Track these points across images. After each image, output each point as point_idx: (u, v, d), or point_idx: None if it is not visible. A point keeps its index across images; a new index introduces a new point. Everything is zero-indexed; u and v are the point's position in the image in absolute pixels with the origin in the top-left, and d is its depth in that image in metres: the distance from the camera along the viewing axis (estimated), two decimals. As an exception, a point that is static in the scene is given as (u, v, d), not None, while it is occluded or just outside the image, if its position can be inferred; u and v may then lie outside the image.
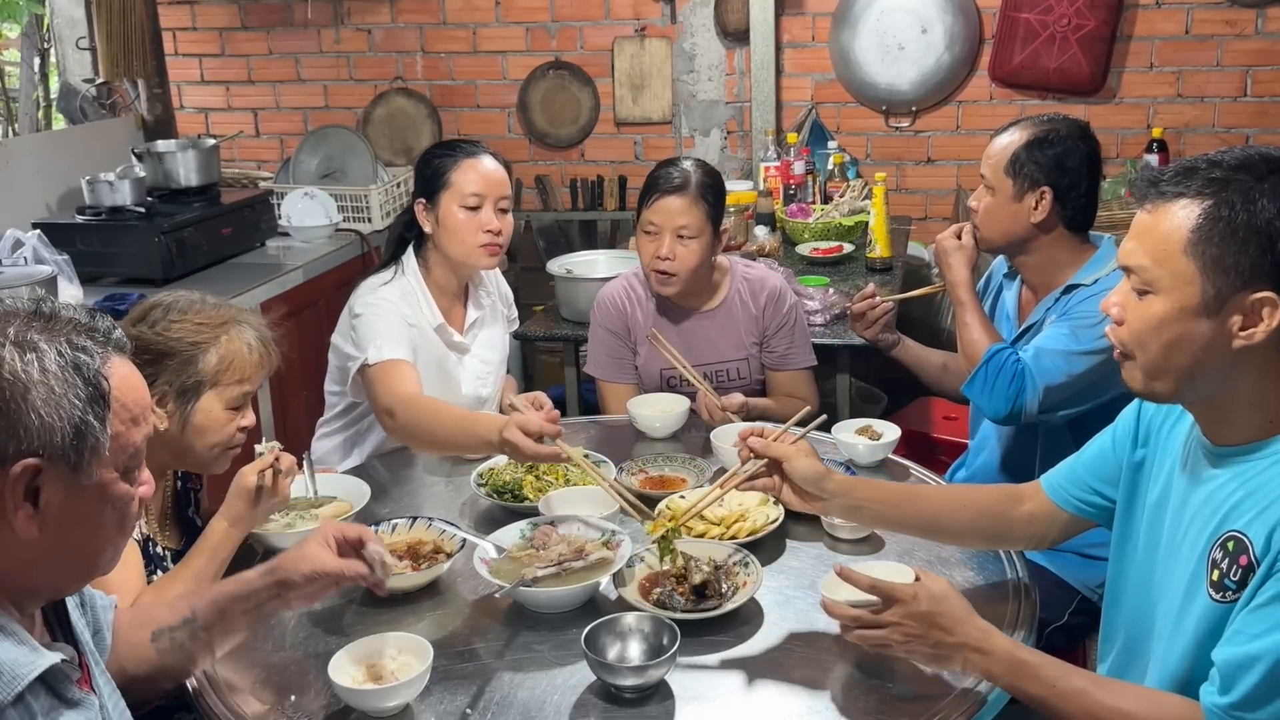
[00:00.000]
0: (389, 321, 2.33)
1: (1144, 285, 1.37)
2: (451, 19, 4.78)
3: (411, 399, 2.20)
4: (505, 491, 2.11)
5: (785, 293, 2.67)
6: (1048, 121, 2.26)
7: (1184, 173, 1.35)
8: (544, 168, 4.86)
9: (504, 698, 1.53)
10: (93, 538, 1.18)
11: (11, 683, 1.09)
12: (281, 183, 4.18)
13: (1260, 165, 1.32)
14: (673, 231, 2.48)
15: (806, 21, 4.52)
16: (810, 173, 4.13)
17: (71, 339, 1.13)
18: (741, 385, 2.61)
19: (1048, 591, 1.67)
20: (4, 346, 1.10)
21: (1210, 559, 1.36)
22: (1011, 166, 2.23)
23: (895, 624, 1.46)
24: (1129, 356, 1.42)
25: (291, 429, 3.43)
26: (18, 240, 3.18)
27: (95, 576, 1.26)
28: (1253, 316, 1.31)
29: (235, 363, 1.84)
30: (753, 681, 1.56)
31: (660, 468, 2.22)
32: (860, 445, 2.21)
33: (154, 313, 1.85)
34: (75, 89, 4.26)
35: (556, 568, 1.74)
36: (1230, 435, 1.39)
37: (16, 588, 1.16)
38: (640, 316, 2.65)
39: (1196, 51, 4.22)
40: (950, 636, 1.45)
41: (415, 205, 2.45)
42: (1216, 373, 1.35)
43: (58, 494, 1.12)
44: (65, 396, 1.10)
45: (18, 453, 1.08)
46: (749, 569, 1.75)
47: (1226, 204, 1.30)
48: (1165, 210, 1.35)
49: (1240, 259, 1.30)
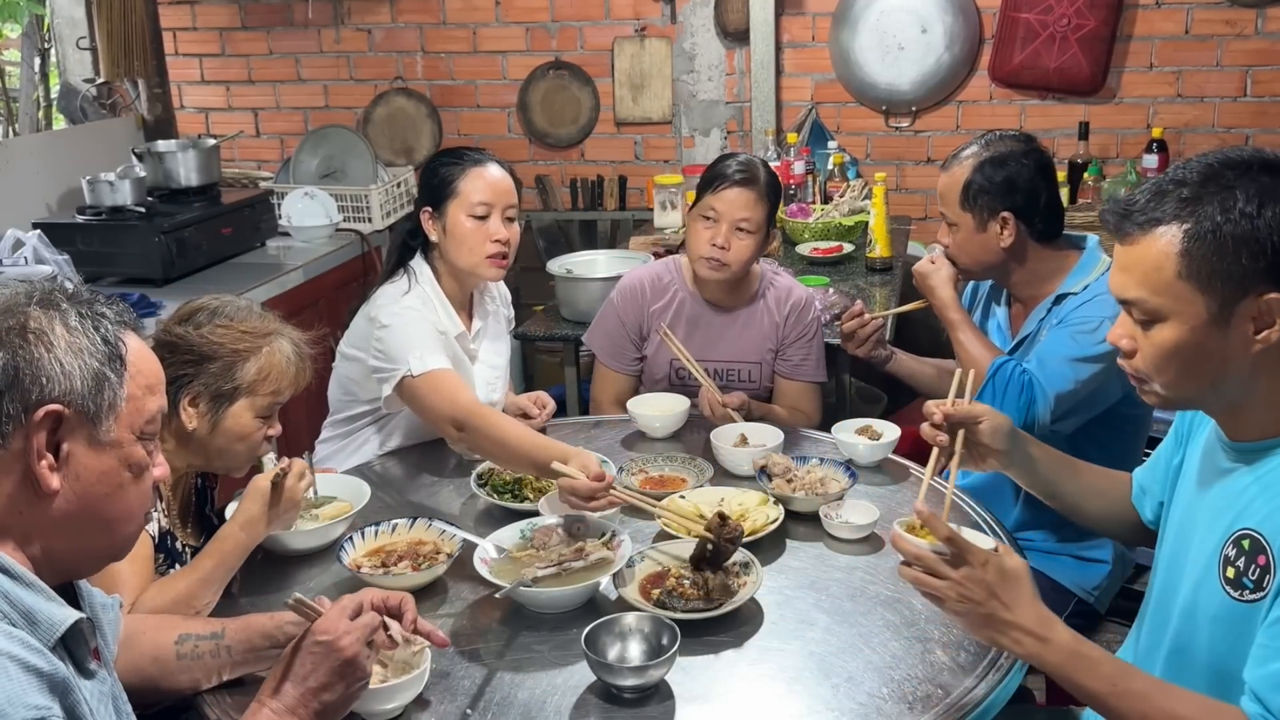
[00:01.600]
0: (422, 330, 2.27)
1: (1147, 316, 1.38)
2: (451, 19, 4.78)
3: (478, 411, 2.12)
4: (505, 491, 2.11)
5: (810, 305, 2.67)
6: (990, 143, 2.25)
7: (1154, 198, 1.36)
8: (544, 168, 4.86)
9: (504, 698, 1.53)
10: (112, 500, 1.22)
11: (49, 631, 1.15)
12: (282, 183, 4.18)
13: (1225, 173, 1.33)
14: (732, 223, 2.49)
15: (806, 21, 4.52)
16: (810, 173, 4.13)
17: (91, 306, 1.22)
18: (751, 389, 2.61)
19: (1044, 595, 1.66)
20: (30, 306, 1.19)
21: (1223, 555, 1.37)
22: (966, 199, 2.23)
23: (956, 582, 1.43)
24: (1145, 381, 1.43)
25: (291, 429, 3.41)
26: (18, 240, 3.18)
27: (115, 551, 1.28)
28: (1264, 318, 1.32)
29: (272, 375, 1.86)
30: (753, 681, 1.56)
31: (660, 468, 2.22)
32: (860, 445, 2.21)
33: (199, 315, 1.87)
34: (76, 89, 4.26)
35: (556, 568, 1.74)
36: (1248, 433, 1.41)
37: (41, 554, 1.19)
38: (661, 306, 2.64)
39: (1196, 51, 4.22)
40: (1006, 613, 1.42)
41: (421, 214, 2.41)
42: (1239, 379, 1.37)
43: (79, 446, 1.18)
44: (85, 350, 1.18)
45: (40, 399, 1.15)
46: (749, 569, 1.75)
47: (1205, 219, 1.31)
48: (1146, 240, 1.36)
49: (1234, 269, 1.31)
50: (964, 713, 1.48)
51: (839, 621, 1.68)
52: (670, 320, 2.61)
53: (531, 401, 2.53)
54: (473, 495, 2.12)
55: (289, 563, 1.91)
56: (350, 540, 1.86)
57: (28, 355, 1.15)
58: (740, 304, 2.64)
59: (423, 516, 1.93)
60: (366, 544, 1.87)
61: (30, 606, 1.14)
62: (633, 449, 2.36)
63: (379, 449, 2.46)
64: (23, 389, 1.15)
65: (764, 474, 2.08)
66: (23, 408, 1.14)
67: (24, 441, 1.15)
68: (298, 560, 1.91)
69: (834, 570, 1.84)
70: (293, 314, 2.46)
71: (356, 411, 2.47)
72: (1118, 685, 1.37)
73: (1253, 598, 1.33)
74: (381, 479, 2.26)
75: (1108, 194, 3.93)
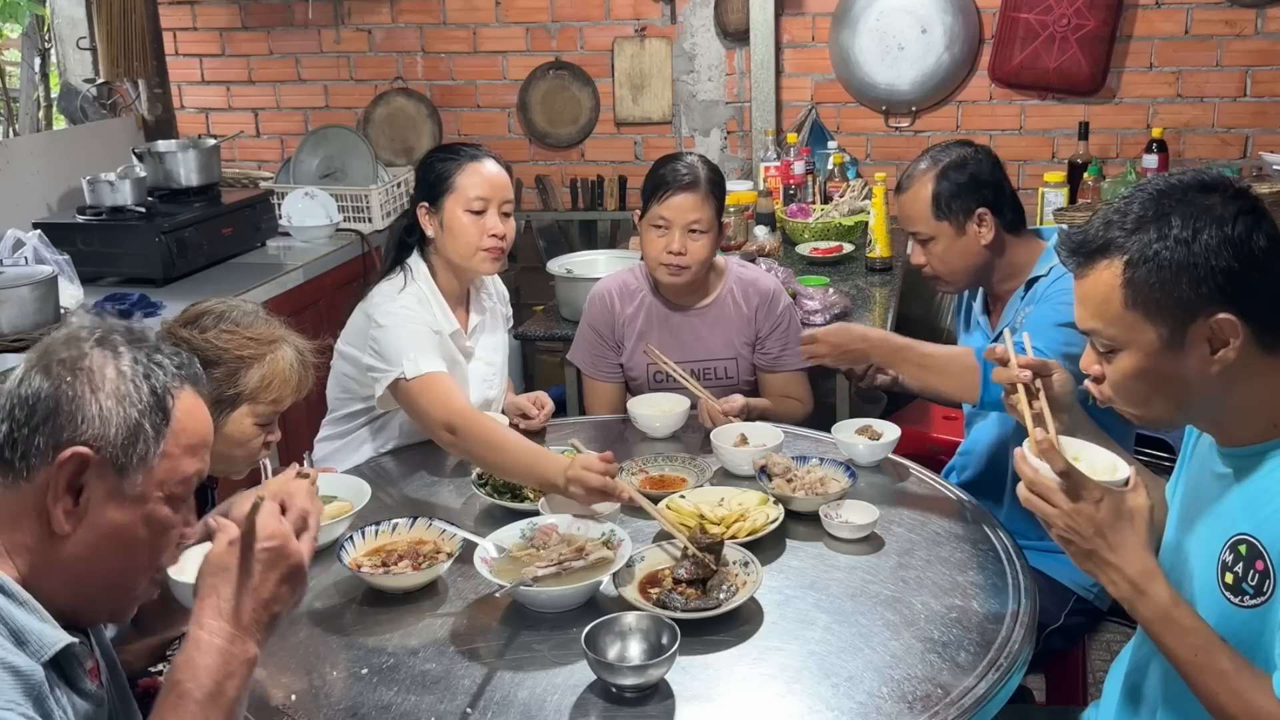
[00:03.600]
0: (417, 331, 2.27)
1: (1106, 346, 1.41)
2: (452, 19, 4.78)
3: (471, 416, 2.12)
4: (505, 491, 2.11)
5: (779, 295, 2.68)
6: (937, 156, 2.29)
7: (1100, 229, 1.39)
8: (544, 168, 4.86)
9: (504, 697, 1.53)
10: (123, 556, 1.19)
11: (40, 650, 1.12)
12: (282, 183, 4.18)
13: (1160, 201, 1.36)
14: (684, 227, 2.51)
15: (806, 21, 4.52)
16: (810, 173, 4.14)
17: (150, 354, 1.21)
18: (730, 385, 2.62)
19: (1044, 594, 1.67)
20: (89, 342, 1.18)
21: (1220, 560, 1.38)
22: (939, 208, 2.25)
23: (1067, 514, 1.41)
24: (1120, 404, 1.45)
25: (291, 428, 3.42)
26: (18, 240, 3.18)
27: (119, 608, 1.26)
28: (1217, 338, 1.34)
29: (275, 382, 1.85)
30: (753, 681, 1.56)
31: (660, 468, 2.22)
32: (860, 445, 2.21)
33: (205, 319, 1.85)
34: (76, 89, 4.27)
35: (557, 567, 1.74)
36: (1236, 440, 1.41)
37: (44, 592, 1.17)
38: (631, 312, 2.66)
39: (1196, 51, 4.22)
40: (1110, 554, 1.40)
41: (417, 209, 2.42)
42: (1207, 396, 1.38)
43: (99, 494, 1.15)
44: (129, 397, 1.16)
45: (70, 438, 1.13)
46: (749, 569, 1.75)
47: (1143, 248, 1.34)
48: (1094, 273, 1.39)
49: (1177, 295, 1.33)
50: (964, 712, 1.48)
51: (839, 621, 1.69)
52: (641, 325, 2.63)
53: (530, 402, 2.53)
54: (473, 495, 2.12)
55: (289, 562, 1.90)
56: (350, 539, 1.86)
57: (71, 392, 1.14)
58: (707, 301, 2.66)
59: (423, 516, 1.93)
60: (367, 543, 1.88)
61: (22, 625, 1.12)
62: (633, 449, 2.37)
63: (376, 449, 2.46)
64: (57, 424, 1.13)
65: (764, 474, 2.08)
66: (53, 443, 1.13)
67: (48, 478, 1.13)
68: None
69: (834, 570, 1.85)
70: (293, 314, 2.46)
71: (354, 409, 2.47)
72: (1198, 657, 1.35)
73: (1253, 603, 1.33)
74: (382, 478, 2.26)
75: (1108, 194, 3.93)
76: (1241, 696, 1.32)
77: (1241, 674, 1.33)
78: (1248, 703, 1.31)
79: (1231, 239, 1.31)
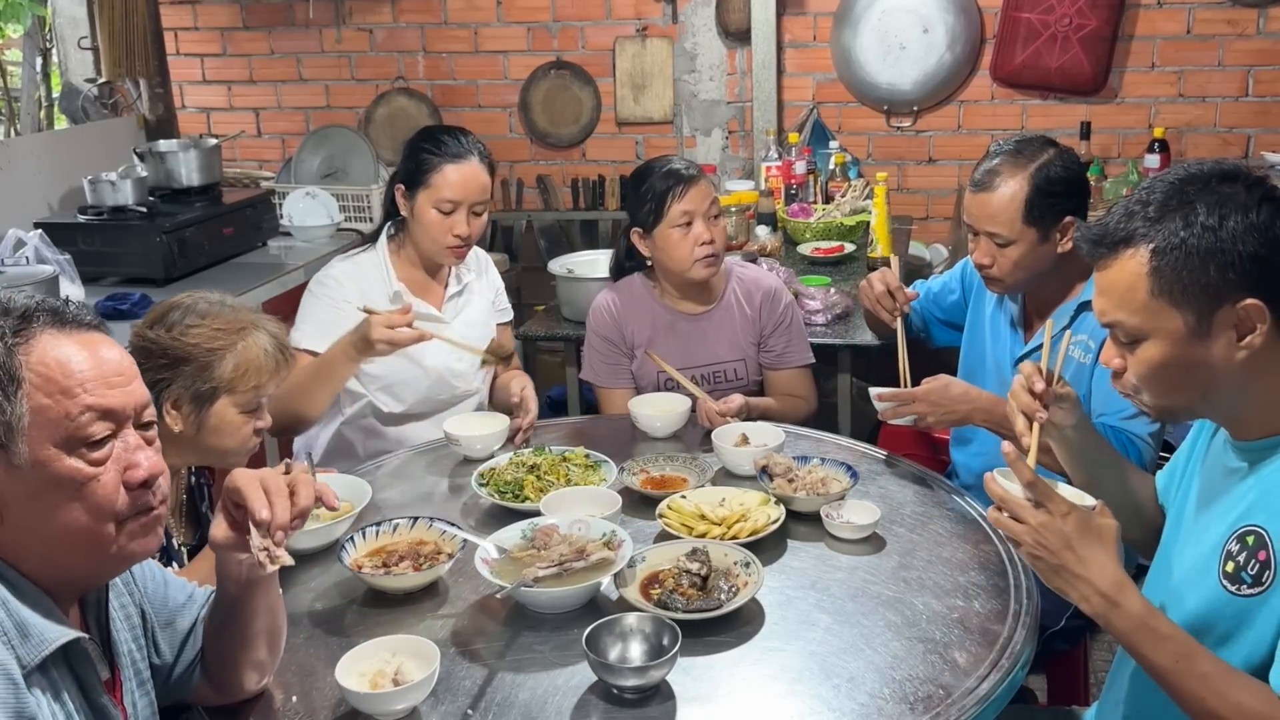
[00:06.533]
0: (323, 308, 2.44)
1: (1130, 336, 1.41)
2: (453, 19, 4.78)
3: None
4: (506, 491, 2.11)
5: (780, 292, 2.67)
6: (1022, 151, 2.14)
7: (1121, 220, 1.39)
8: (545, 167, 4.86)
9: (505, 698, 1.53)
10: (55, 518, 1.15)
11: (39, 645, 1.11)
12: (283, 182, 4.18)
13: (1186, 189, 1.36)
14: (704, 215, 2.53)
15: (808, 21, 4.52)
16: (811, 172, 4.13)
17: None
18: (739, 386, 2.61)
19: (1045, 597, 1.66)
20: None
21: (1225, 549, 1.38)
22: (1029, 215, 2.12)
23: (1033, 528, 1.42)
24: (1138, 397, 1.45)
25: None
26: (19, 240, 3.19)
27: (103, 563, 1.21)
28: (1244, 325, 1.34)
29: (251, 370, 1.84)
30: (754, 682, 1.56)
31: (661, 468, 2.22)
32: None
33: (171, 315, 1.84)
34: (77, 89, 4.27)
35: (557, 568, 1.74)
36: (1251, 432, 1.42)
37: (32, 576, 1.16)
38: (634, 322, 2.64)
39: (1198, 51, 4.22)
40: (1079, 568, 1.40)
41: (395, 188, 2.51)
42: (1231, 385, 1.38)
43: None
44: None
45: None
46: (750, 569, 1.75)
47: (1170, 236, 1.34)
48: (1118, 263, 1.39)
49: (1204, 281, 1.33)
50: (965, 713, 1.47)
51: (840, 622, 1.68)
52: (649, 336, 2.62)
53: (517, 400, 2.46)
54: (474, 495, 2.12)
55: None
56: (351, 540, 1.86)
57: None
58: (712, 304, 2.65)
59: (424, 516, 1.93)
60: (368, 544, 1.87)
61: (25, 619, 1.12)
62: (633, 449, 2.36)
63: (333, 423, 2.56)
64: None
65: (765, 474, 2.07)
66: None
67: None
68: (298, 560, 1.91)
69: (835, 570, 1.84)
70: (294, 314, 2.46)
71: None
72: (1180, 664, 1.36)
73: (1250, 592, 1.34)
74: (382, 479, 2.26)
75: (1109, 194, 3.93)
76: (1229, 697, 1.32)
77: (1224, 675, 1.34)
78: (1236, 703, 1.32)
79: (1257, 225, 1.32)
